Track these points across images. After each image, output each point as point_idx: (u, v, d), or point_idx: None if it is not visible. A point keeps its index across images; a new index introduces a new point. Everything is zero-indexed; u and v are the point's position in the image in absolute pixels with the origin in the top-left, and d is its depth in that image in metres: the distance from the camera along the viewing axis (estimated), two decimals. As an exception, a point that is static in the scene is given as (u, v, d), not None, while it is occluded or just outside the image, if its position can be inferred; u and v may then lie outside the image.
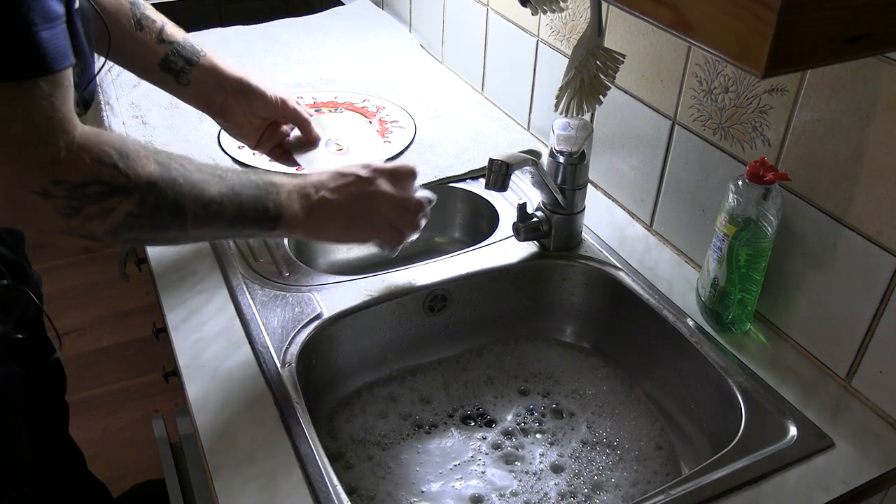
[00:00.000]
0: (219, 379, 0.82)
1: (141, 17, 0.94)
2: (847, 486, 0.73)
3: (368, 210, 0.86)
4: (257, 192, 0.77)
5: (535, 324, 1.06)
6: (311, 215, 0.82)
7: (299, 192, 0.82)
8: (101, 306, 2.20)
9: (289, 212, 0.80)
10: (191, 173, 0.72)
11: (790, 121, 0.82)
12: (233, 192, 0.75)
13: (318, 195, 0.83)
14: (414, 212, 0.90)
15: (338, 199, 0.84)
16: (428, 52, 1.56)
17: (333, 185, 0.85)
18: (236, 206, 0.75)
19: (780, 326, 0.90)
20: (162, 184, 0.69)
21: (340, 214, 0.84)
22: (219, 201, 0.73)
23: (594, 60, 0.88)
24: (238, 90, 0.97)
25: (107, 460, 1.68)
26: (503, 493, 0.85)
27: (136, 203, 0.67)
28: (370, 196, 0.86)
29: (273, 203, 0.79)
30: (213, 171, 0.75)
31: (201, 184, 0.72)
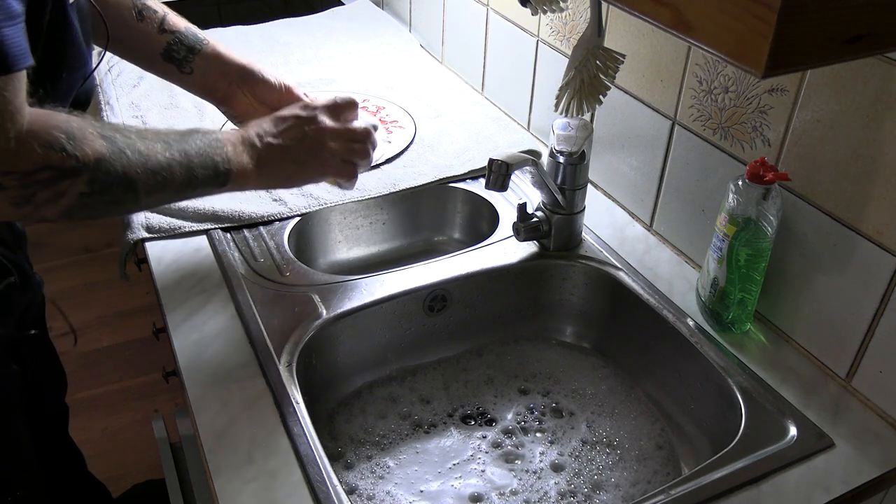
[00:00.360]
0: (219, 379, 0.82)
1: (142, 7, 0.94)
2: (847, 486, 0.73)
3: (315, 148, 0.87)
4: (204, 150, 0.78)
5: (535, 324, 1.06)
6: (260, 165, 0.83)
7: (244, 144, 0.82)
8: (101, 306, 2.20)
9: (237, 165, 0.81)
10: (137, 144, 0.72)
11: (790, 121, 0.82)
12: (181, 155, 0.75)
13: (264, 142, 0.84)
14: (361, 140, 0.91)
15: (283, 143, 0.85)
16: (428, 52, 1.56)
17: (276, 129, 0.86)
18: (185, 169, 0.75)
19: (780, 326, 0.90)
20: (110, 159, 0.69)
21: (289, 158, 0.85)
22: (167, 167, 0.73)
23: (594, 60, 0.88)
24: (241, 77, 0.97)
25: (107, 460, 1.68)
26: (503, 491, 0.85)
27: (86, 182, 0.67)
28: (314, 134, 0.87)
29: (220, 159, 0.79)
30: (158, 137, 0.75)
31: (148, 153, 0.72)
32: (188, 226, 1.03)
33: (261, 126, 0.86)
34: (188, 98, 1.30)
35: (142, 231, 1.02)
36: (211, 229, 1.03)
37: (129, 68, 1.37)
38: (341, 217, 1.13)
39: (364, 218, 1.15)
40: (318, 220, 1.11)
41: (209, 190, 0.80)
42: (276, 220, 1.06)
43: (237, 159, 0.81)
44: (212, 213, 1.04)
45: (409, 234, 1.20)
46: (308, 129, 0.87)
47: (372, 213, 1.15)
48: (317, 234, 1.12)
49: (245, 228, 1.04)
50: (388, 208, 1.16)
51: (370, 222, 1.16)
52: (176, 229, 1.03)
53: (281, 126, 0.86)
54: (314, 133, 0.87)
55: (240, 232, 1.04)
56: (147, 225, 1.02)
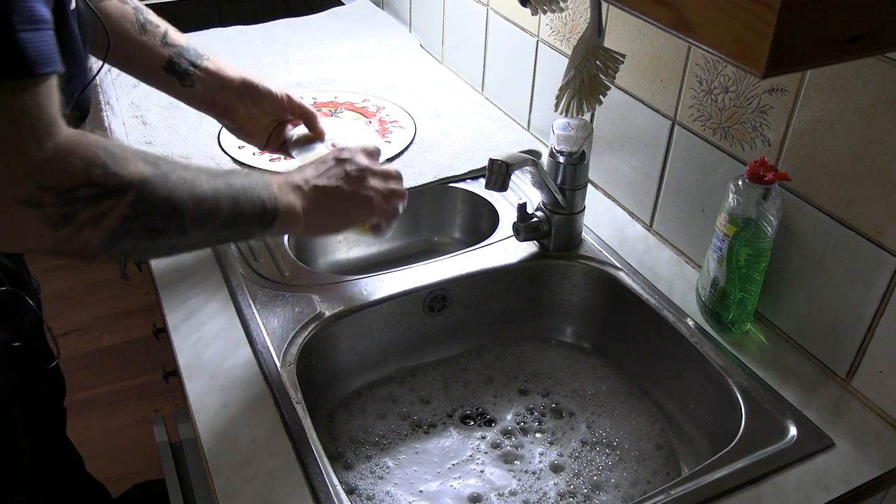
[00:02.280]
0: (219, 379, 0.82)
1: (145, 21, 0.95)
2: (847, 486, 0.73)
3: (359, 187, 0.86)
4: (250, 186, 0.76)
5: (535, 324, 1.06)
6: (308, 205, 0.81)
7: (289, 185, 0.81)
8: (101, 306, 2.20)
9: (284, 205, 0.79)
10: (181, 171, 0.69)
11: (790, 121, 0.82)
12: (227, 188, 0.72)
13: (309, 185, 0.83)
14: (398, 178, 0.92)
15: (328, 184, 0.84)
16: (428, 52, 1.56)
17: (318, 172, 0.85)
18: (231, 202, 0.73)
19: (780, 326, 0.90)
20: (154, 181, 0.65)
21: (335, 198, 0.84)
22: (213, 197, 0.71)
23: (594, 60, 0.88)
24: (243, 91, 0.97)
25: (106, 460, 1.68)
26: (502, 492, 0.85)
27: (130, 204, 0.63)
28: (356, 173, 0.86)
29: (267, 196, 0.77)
30: (200, 168, 0.72)
31: (194, 180, 0.70)
32: (188, 226, 1.03)
33: (303, 171, 0.84)
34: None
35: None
36: (211, 229, 1.03)
37: (129, 68, 1.37)
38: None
39: (364, 218, 1.15)
40: (318, 220, 1.11)
41: (255, 229, 0.77)
42: (276, 220, 1.06)
43: (284, 198, 0.79)
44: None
45: (409, 234, 1.20)
46: (349, 168, 0.86)
47: (372, 213, 1.15)
48: (317, 234, 1.12)
49: (245, 228, 1.04)
50: (388, 208, 1.15)
51: (370, 222, 1.16)
52: (176, 229, 1.02)
53: (322, 168, 0.85)
54: (356, 172, 0.86)
55: (240, 232, 1.04)
56: (147, 225, 1.02)
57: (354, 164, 0.87)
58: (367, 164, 0.88)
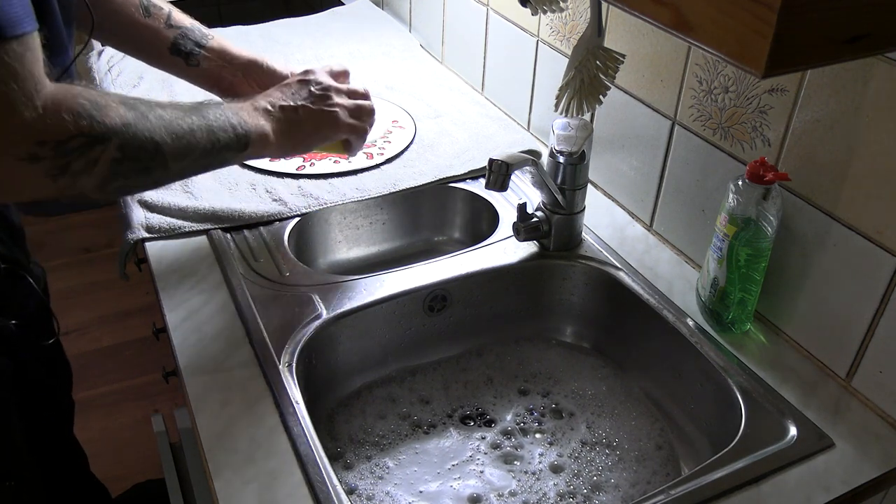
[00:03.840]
0: (219, 379, 0.82)
1: (148, 4, 0.98)
2: (847, 486, 0.73)
3: (325, 103, 0.91)
4: (220, 115, 0.80)
5: (535, 324, 1.06)
6: (278, 127, 0.86)
7: (256, 109, 0.86)
8: (101, 306, 2.20)
9: (255, 127, 0.83)
10: (157, 110, 0.74)
11: (790, 121, 0.82)
12: (200, 119, 0.77)
13: (276, 106, 0.87)
14: (365, 96, 0.96)
15: (295, 104, 0.89)
16: (428, 52, 1.56)
17: (283, 94, 0.89)
18: (207, 132, 0.78)
19: (780, 326, 0.90)
20: (136, 124, 0.70)
21: (302, 115, 0.89)
22: (189, 131, 0.76)
23: (594, 60, 0.88)
24: (248, 68, 1.00)
25: (107, 460, 1.68)
26: (501, 492, 0.85)
27: (117, 147, 0.69)
28: (321, 91, 0.91)
29: (237, 121, 0.81)
30: (174, 105, 0.77)
31: (170, 118, 0.74)
32: (188, 226, 1.03)
33: (269, 95, 0.89)
34: (188, 98, 1.30)
35: (142, 231, 1.02)
36: (211, 229, 1.03)
37: (130, 68, 1.38)
38: (341, 217, 1.13)
39: (364, 218, 1.15)
40: (318, 220, 1.11)
41: (231, 155, 0.82)
42: (276, 220, 1.06)
43: (254, 122, 0.83)
44: (212, 213, 1.04)
45: (409, 234, 1.20)
46: (314, 88, 0.91)
47: (372, 213, 1.15)
48: (317, 234, 1.12)
49: (245, 228, 1.04)
50: (388, 208, 1.16)
51: (370, 222, 1.16)
52: (176, 229, 1.03)
53: (287, 91, 0.90)
54: (320, 91, 0.91)
55: (240, 232, 1.04)
56: (147, 225, 1.02)
57: (317, 83, 0.92)
58: (330, 83, 0.93)
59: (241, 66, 0.99)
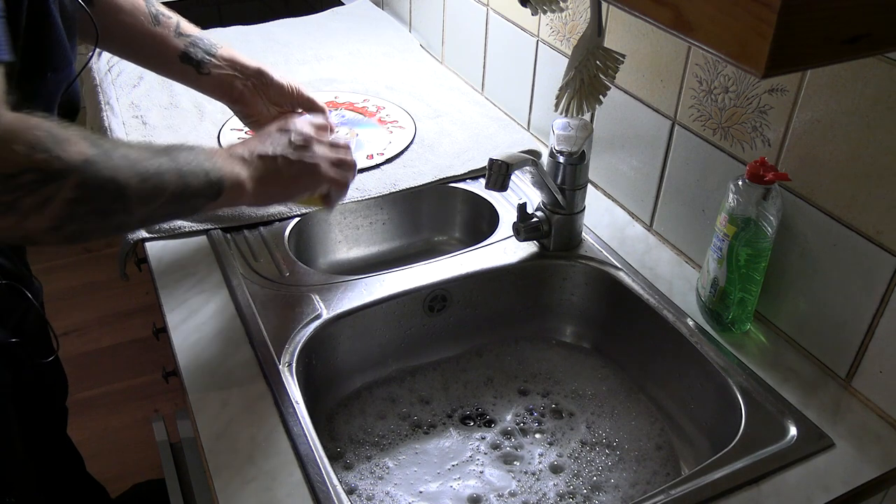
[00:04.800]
0: (219, 379, 0.82)
1: (157, 13, 0.97)
2: (847, 486, 0.73)
3: (305, 154, 0.88)
4: (194, 159, 0.75)
5: (535, 324, 1.06)
6: (253, 174, 0.82)
7: (232, 156, 0.82)
8: (101, 306, 2.20)
9: (230, 175, 0.79)
10: (123, 149, 0.69)
11: (790, 121, 0.82)
12: (171, 162, 0.72)
13: (254, 156, 0.84)
14: (345, 147, 0.94)
15: (274, 153, 0.85)
16: (428, 52, 1.56)
17: (261, 142, 0.86)
18: (177, 177, 0.72)
19: (780, 326, 0.90)
20: (98, 162, 0.64)
21: (280, 166, 0.86)
22: (157, 173, 0.70)
23: (594, 60, 0.88)
24: (256, 78, 0.99)
25: (106, 460, 1.68)
26: (501, 493, 0.85)
27: (74, 186, 0.63)
28: (301, 142, 0.89)
29: (210, 167, 0.77)
30: (145, 147, 0.72)
31: (137, 158, 0.69)
32: (188, 226, 1.03)
33: (246, 143, 0.85)
34: (188, 98, 1.30)
35: (142, 231, 1.02)
36: (211, 229, 1.03)
37: (130, 68, 1.37)
38: (341, 217, 1.13)
39: (364, 218, 1.15)
40: (318, 220, 1.11)
41: (202, 202, 0.77)
42: (276, 220, 1.06)
43: (228, 168, 0.79)
44: (212, 213, 1.04)
45: (409, 234, 1.20)
46: (294, 138, 0.88)
47: (372, 213, 1.15)
48: (317, 234, 1.12)
49: (245, 228, 1.04)
50: (388, 208, 1.16)
51: (370, 222, 1.16)
52: (176, 229, 1.03)
53: (266, 139, 0.87)
54: (300, 141, 0.88)
55: (240, 232, 1.04)
56: (147, 225, 1.02)
57: (298, 133, 0.89)
58: (310, 133, 0.90)
59: (251, 76, 0.98)
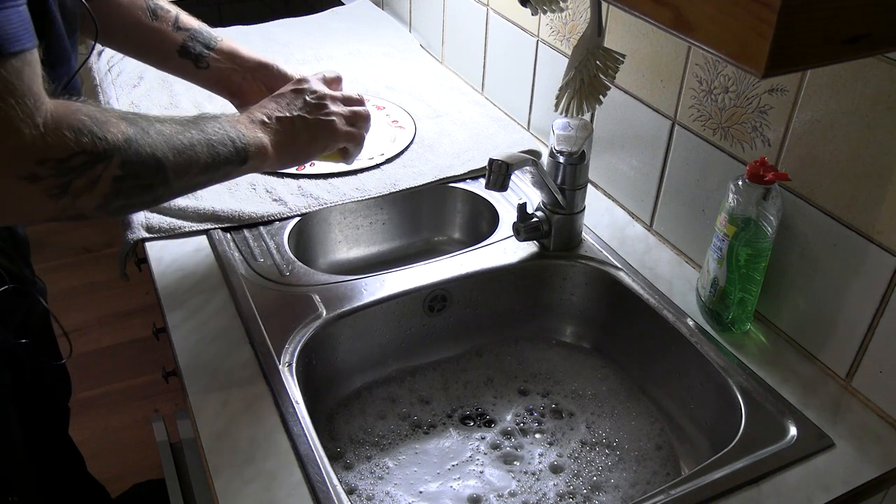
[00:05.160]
0: (219, 379, 0.82)
1: (156, 7, 0.97)
2: (847, 486, 0.73)
3: (321, 112, 0.90)
4: (219, 128, 0.79)
5: (535, 324, 1.06)
6: (274, 138, 0.85)
7: (253, 121, 0.84)
8: (101, 306, 2.20)
9: (253, 140, 0.82)
10: (157, 125, 0.72)
11: (790, 121, 0.82)
12: (200, 134, 0.76)
13: (272, 118, 0.86)
14: (360, 102, 0.95)
15: (291, 115, 0.88)
16: (428, 52, 1.56)
17: (278, 105, 0.88)
18: (207, 147, 0.76)
19: (780, 326, 0.90)
20: (137, 140, 0.69)
21: (298, 127, 0.88)
22: (190, 146, 0.74)
23: (594, 60, 0.88)
24: (257, 71, 0.99)
25: (107, 460, 1.68)
26: (501, 493, 0.85)
27: (118, 165, 0.67)
28: (316, 100, 0.90)
29: (236, 135, 0.80)
30: (173, 120, 0.76)
31: (170, 133, 0.73)
32: (188, 226, 1.03)
33: (263, 106, 0.88)
34: (188, 98, 1.30)
35: (142, 231, 1.02)
36: (211, 229, 1.03)
37: (130, 68, 1.38)
38: (341, 217, 1.13)
39: (364, 218, 1.15)
40: (318, 220, 1.11)
41: (232, 169, 0.81)
42: (276, 220, 1.06)
43: (252, 134, 0.82)
44: (212, 213, 1.04)
45: (409, 234, 1.20)
46: (308, 97, 0.90)
47: (372, 213, 1.15)
48: (317, 234, 1.12)
49: (245, 228, 1.04)
50: (388, 208, 1.16)
51: (370, 222, 1.16)
52: (176, 229, 1.03)
53: (282, 101, 0.89)
54: (315, 100, 0.90)
55: (240, 232, 1.04)
56: (147, 225, 1.02)
57: (312, 91, 0.91)
58: (325, 91, 0.92)
59: (250, 69, 0.98)
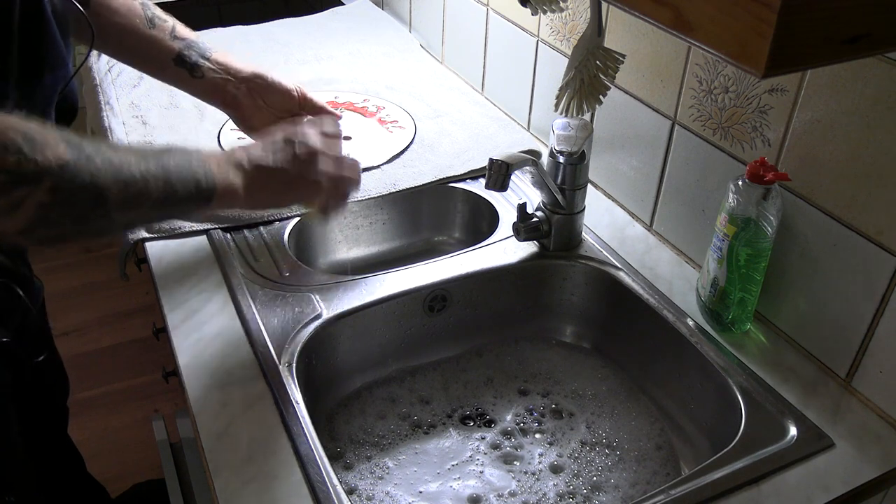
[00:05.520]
0: (219, 379, 0.82)
1: (153, 16, 0.97)
2: (847, 486, 0.73)
3: (306, 170, 0.83)
4: (185, 165, 0.72)
5: (535, 324, 1.06)
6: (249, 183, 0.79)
7: (229, 162, 0.78)
8: (101, 306, 2.20)
9: (222, 182, 0.76)
10: (107, 153, 0.66)
11: (790, 121, 0.82)
12: (158, 169, 0.69)
13: (252, 164, 0.80)
14: (352, 166, 0.89)
15: (272, 165, 0.81)
16: (428, 52, 1.56)
17: (264, 151, 0.82)
18: (163, 183, 0.69)
19: (780, 326, 0.90)
20: (76, 166, 0.62)
21: (279, 180, 0.82)
22: (141, 179, 0.67)
23: (594, 60, 0.88)
24: (253, 82, 0.98)
25: (107, 460, 1.68)
26: (501, 493, 0.85)
27: (47, 190, 0.61)
28: (305, 157, 0.83)
29: (202, 174, 0.74)
30: (131, 150, 0.70)
31: (121, 164, 0.66)
32: (188, 226, 1.03)
33: (248, 149, 0.82)
34: (188, 98, 1.29)
35: (142, 231, 1.02)
36: (211, 229, 1.03)
37: (130, 68, 1.37)
38: (341, 217, 1.13)
39: (364, 218, 1.15)
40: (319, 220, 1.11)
41: (192, 208, 0.76)
42: (276, 220, 1.06)
43: (222, 176, 0.76)
44: (211, 214, 1.04)
45: (409, 234, 1.20)
46: (299, 151, 0.83)
47: (372, 213, 1.15)
48: (317, 234, 1.12)
49: (245, 228, 1.04)
50: (388, 208, 1.16)
51: (370, 222, 1.16)
52: (176, 229, 1.03)
53: (269, 147, 0.83)
54: (305, 155, 0.84)
55: (240, 232, 1.04)
56: (147, 225, 1.02)
57: (305, 145, 0.83)
58: (318, 147, 0.84)
59: (245, 80, 0.98)
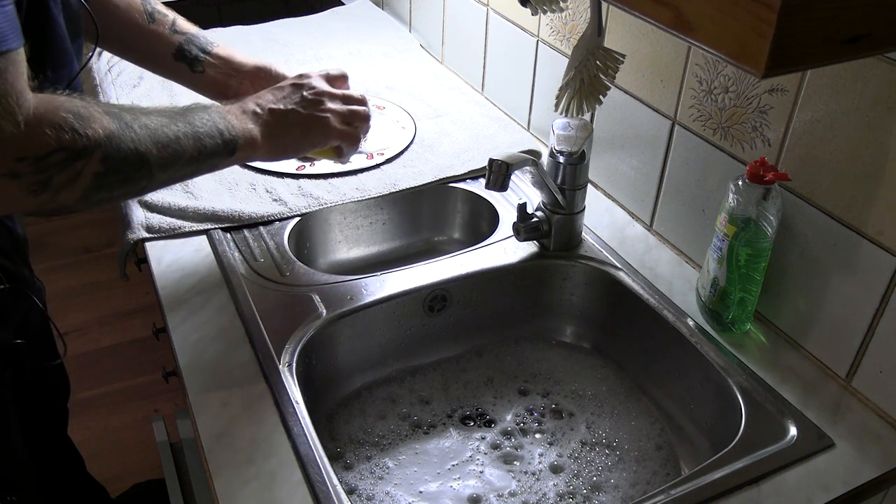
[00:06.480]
0: (219, 379, 0.82)
1: (153, 10, 0.97)
2: (847, 486, 0.73)
3: (317, 109, 0.89)
4: (208, 120, 0.78)
5: (535, 324, 1.06)
6: (266, 132, 0.84)
7: (244, 112, 0.84)
8: (101, 306, 2.20)
9: (243, 132, 0.82)
10: (142, 119, 0.72)
11: (790, 121, 0.82)
12: (187, 127, 0.76)
13: (265, 109, 0.86)
14: (360, 102, 0.94)
15: (285, 108, 0.87)
16: (428, 52, 1.56)
17: (274, 97, 0.88)
18: (193, 140, 0.76)
19: (780, 326, 0.90)
20: (120, 135, 0.69)
21: (292, 121, 0.87)
22: (175, 139, 0.74)
23: (594, 60, 0.88)
24: (255, 75, 0.98)
25: (107, 460, 1.68)
26: (501, 493, 0.85)
27: (99, 160, 0.67)
28: (313, 96, 0.89)
29: (225, 127, 0.80)
30: (160, 112, 0.75)
31: (156, 127, 0.73)
32: (188, 226, 1.03)
33: (259, 97, 0.87)
34: (188, 98, 1.30)
35: (142, 231, 1.02)
36: (211, 229, 1.03)
37: (130, 68, 1.37)
38: (341, 217, 1.13)
39: (364, 218, 1.15)
40: (318, 220, 1.11)
41: (219, 161, 0.81)
42: (276, 220, 1.06)
43: (242, 126, 0.82)
44: (212, 213, 1.04)
45: (409, 234, 1.20)
46: (306, 93, 0.89)
47: (372, 213, 1.15)
48: (317, 234, 1.12)
49: (245, 228, 1.04)
50: (388, 208, 1.16)
51: (370, 222, 1.16)
52: (176, 229, 1.03)
53: (279, 94, 0.88)
54: (313, 96, 0.89)
55: (240, 232, 1.04)
56: (147, 225, 1.02)
57: (311, 87, 0.90)
58: (324, 88, 0.91)
59: (247, 74, 0.97)
